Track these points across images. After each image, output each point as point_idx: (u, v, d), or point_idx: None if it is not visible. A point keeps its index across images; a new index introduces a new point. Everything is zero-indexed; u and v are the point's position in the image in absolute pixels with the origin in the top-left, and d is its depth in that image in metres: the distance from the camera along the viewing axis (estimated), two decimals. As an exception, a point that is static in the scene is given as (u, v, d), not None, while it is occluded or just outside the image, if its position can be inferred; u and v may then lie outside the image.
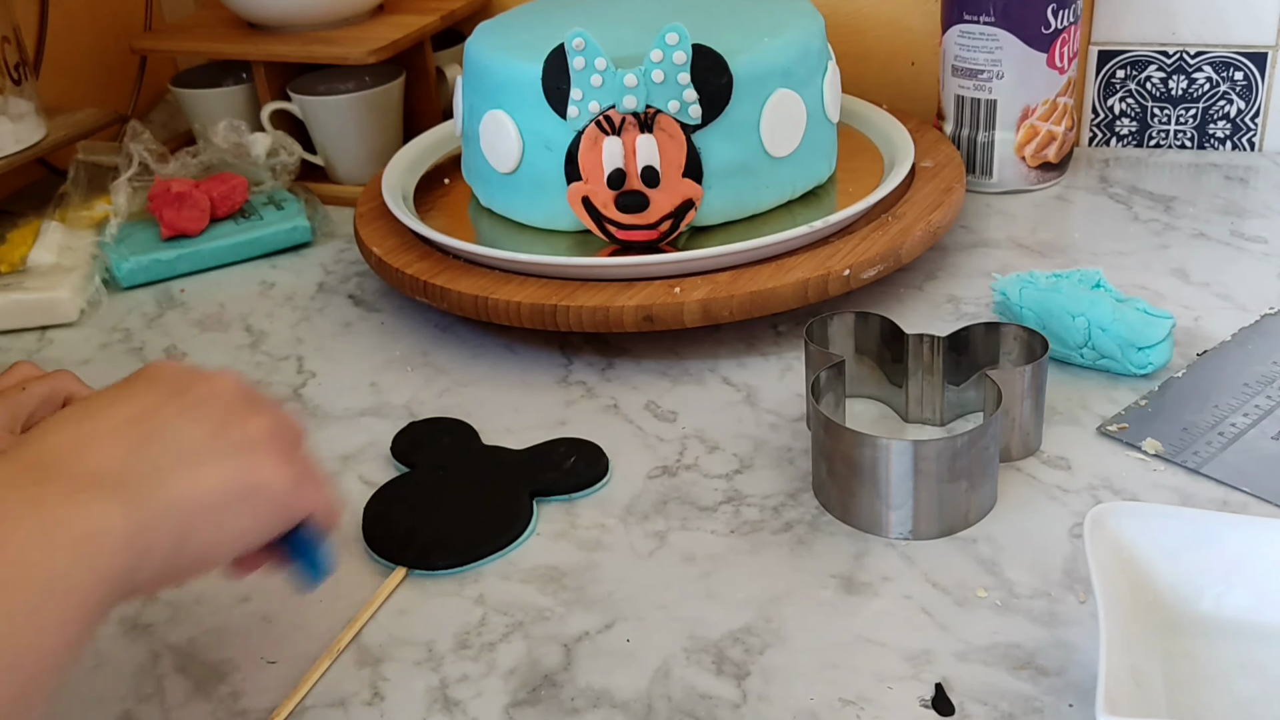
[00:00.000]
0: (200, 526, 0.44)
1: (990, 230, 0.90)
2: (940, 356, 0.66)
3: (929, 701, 0.50)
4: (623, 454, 0.67)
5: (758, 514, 0.62)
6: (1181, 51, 0.98)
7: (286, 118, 1.04)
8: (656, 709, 0.51)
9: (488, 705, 0.52)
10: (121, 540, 0.41)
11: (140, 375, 0.47)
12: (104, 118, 1.06)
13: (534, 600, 0.58)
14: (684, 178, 0.76)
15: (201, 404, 0.46)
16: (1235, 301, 0.77)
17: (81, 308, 0.89)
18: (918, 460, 0.57)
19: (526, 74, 0.77)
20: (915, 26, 1.04)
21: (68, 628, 0.39)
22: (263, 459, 0.46)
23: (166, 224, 0.94)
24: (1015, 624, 0.54)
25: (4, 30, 0.97)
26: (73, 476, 0.42)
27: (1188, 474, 0.62)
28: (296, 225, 0.96)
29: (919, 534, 0.59)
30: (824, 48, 0.83)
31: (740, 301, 0.73)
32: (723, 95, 0.75)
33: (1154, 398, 0.68)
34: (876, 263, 0.76)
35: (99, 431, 0.43)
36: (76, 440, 0.43)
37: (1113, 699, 0.43)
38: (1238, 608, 0.50)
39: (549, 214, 0.81)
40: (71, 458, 0.42)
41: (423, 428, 0.71)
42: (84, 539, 0.40)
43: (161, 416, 0.45)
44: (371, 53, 0.98)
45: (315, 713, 0.53)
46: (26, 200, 1.04)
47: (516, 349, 0.79)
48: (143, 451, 0.43)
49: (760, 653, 0.53)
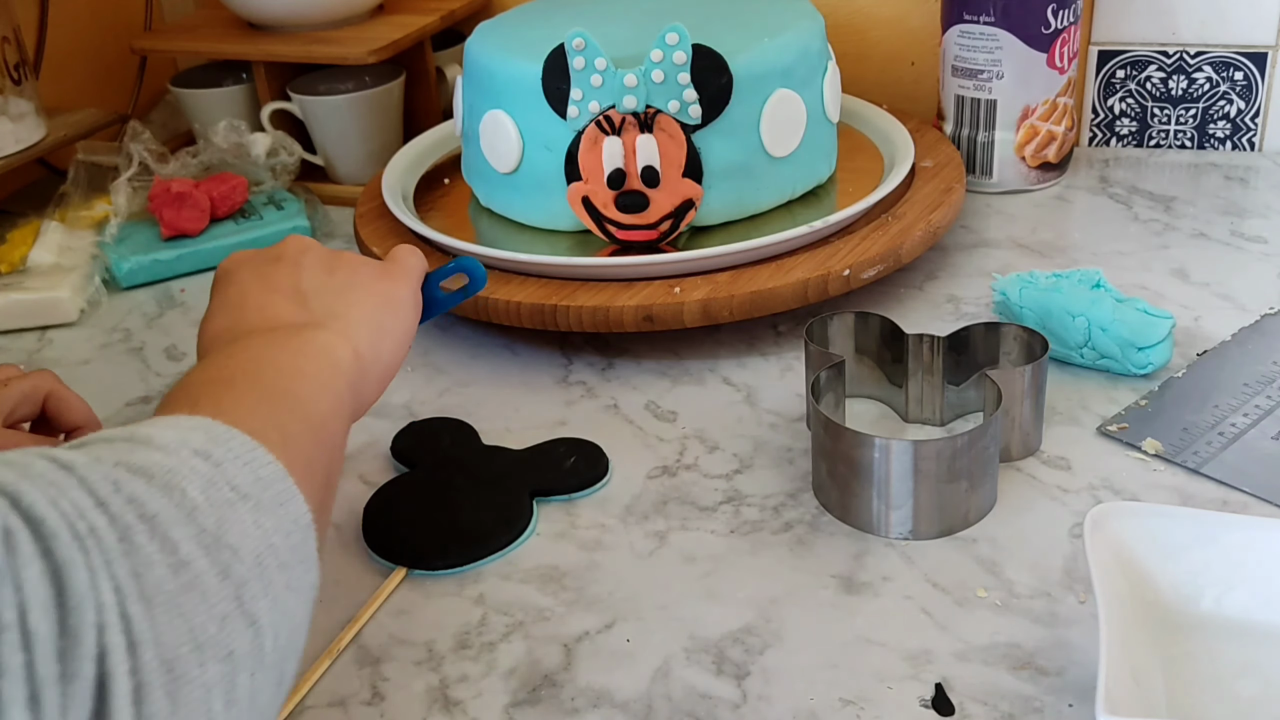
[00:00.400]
0: (381, 337, 0.53)
1: (990, 230, 0.90)
2: (940, 356, 0.66)
3: (929, 701, 0.50)
4: (623, 454, 0.67)
5: (758, 514, 0.62)
6: (1181, 51, 0.98)
7: (286, 118, 1.04)
8: (656, 709, 0.51)
9: (488, 705, 0.52)
10: (348, 356, 0.50)
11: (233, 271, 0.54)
12: (104, 118, 1.06)
13: (534, 600, 0.58)
14: (684, 178, 0.76)
15: (308, 257, 0.55)
16: (1235, 301, 0.77)
17: (81, 308, 0.89)
18: (918, 460, 0.57)
19: (526, 74, 0.77)
20: (915, 26, 1.03)
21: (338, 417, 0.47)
22: (378, 276, 0.55)
23: (166, 224, 0.94)
24: (1015, 624, 0.54)
25: (4, 30, 0.97)
26: (280, 324, 0.50)
27: (1188, 474, 0.62)
28: (296, 225, 0.96)
29: (919, 534, 0.59)
30: (824, 48, 0.83)
31: (740, 301, 0.73)
32: (723, 95, 0.75)
33: (1154, 398, 0.68)
34: (876, 263, 0.76)
35: (267, 300, 0.52)
36: (258, 310, 0.51)
37: (1113, 699, 0.43)
38: (1238, 608, 0.50)
39: (549, 214, 0.81)
40: (262, 320, 0.50)
41: (423, 428, 0.71)
42: (321, 351, 0.49)
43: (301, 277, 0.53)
44: (371, 53, 0.98)
45: (315, 713, 0.53)
46: (26, 200, 1.04)
47: (516, 349, 0.79)
48: (310, 301, 0.52)
49: (760, 653, 0.53)
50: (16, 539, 0.30)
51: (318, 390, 0.46)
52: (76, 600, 0.30)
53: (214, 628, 0.33)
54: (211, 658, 0.33)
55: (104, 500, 0.33)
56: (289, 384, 0.45)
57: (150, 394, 0.78)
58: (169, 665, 0.32)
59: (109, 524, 0.32)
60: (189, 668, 0.32)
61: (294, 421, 0.43)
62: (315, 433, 0.44)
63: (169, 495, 0.34)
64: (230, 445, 0.38)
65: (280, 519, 0.38)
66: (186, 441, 0.37)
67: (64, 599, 0.30)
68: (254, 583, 0.35)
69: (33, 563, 0.30)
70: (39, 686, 0.29)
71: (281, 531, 0.38)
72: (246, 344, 0.48)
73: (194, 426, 0.38)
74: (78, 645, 0.30)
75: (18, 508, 0.31)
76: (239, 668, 0.34)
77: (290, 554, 0.38)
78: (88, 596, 0.30)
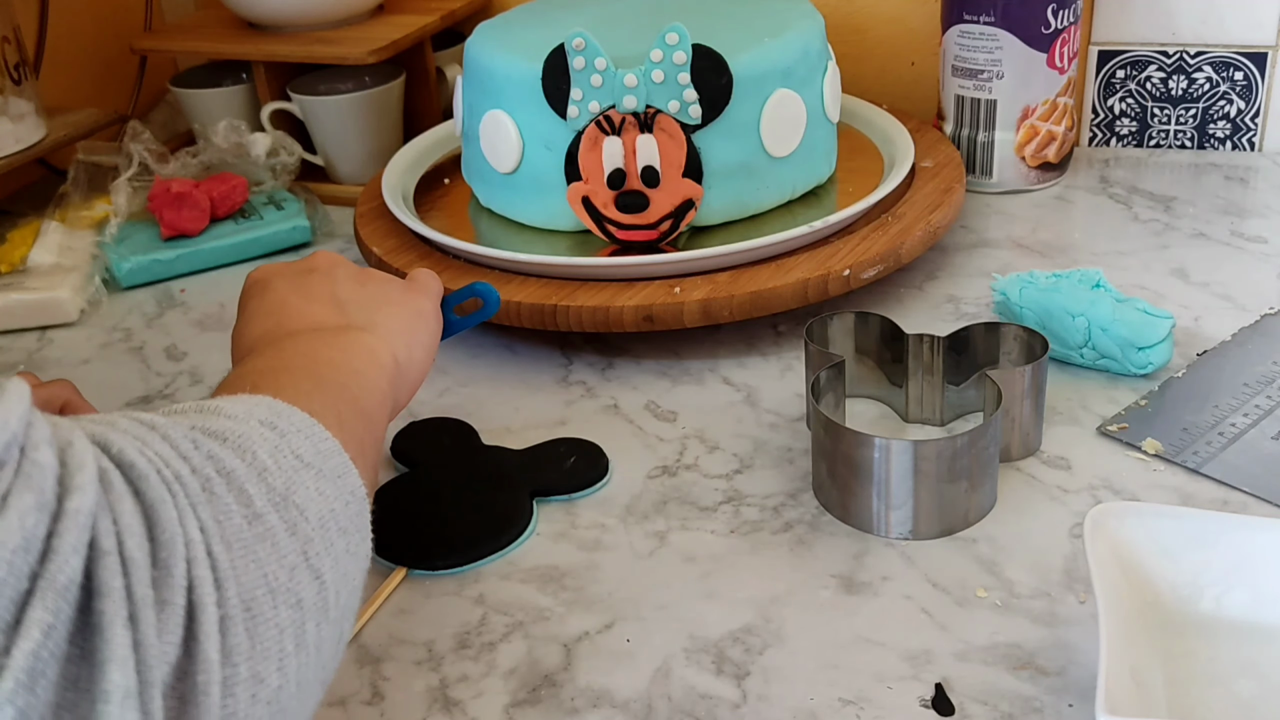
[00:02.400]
0: (413, 346, 0.56)
1: (990, 230, 0.90)
2: (940, 356, 0.66)
3: (929, 701, 0.50)
4: (623, 454, 0.67)
5: (758, 514, 0.62)
6: (1181, 51, 0.98)
7: (286, 118, 1.04)
8: (656, 709, 0.51)
9: (488, 705, 0.52)
10: (388, 357, 0.53)
11: (266, 281, 0.57)
12: (104, 118, 1.06)
13: (534, 600, 0.58)
14: (684, 178, 0.76)
15: (339, 271, 0.58)
16: (1235, 301, 0.77)
17: (81, 308, 0.89)
18: (918, 460, 0.57)
19: (526, 74, 0.77)
20: (915, 26, 1.04)
21: (381, 409, 0.50)
22: (405, 291, 0.59)
23: (166, 224, 0.94)
24: (1015, 624, 0.54)
25: (4, 30, 0.97)
26: (325, 326, 0.53)
27: (1188, 474, 0.62)
28: (296, 225, 0.96)
29: (919, 534, 0.59)
30: (824, 48, 0.83)
31: (740, 301, 0.73)
32: (723, 95, 0.75)
33: (1154, 398, 0.68)
34: (876, 263, 0.76)
35: (306, 304, 0.55)
36: (299, 314, 0.54)
37: (1113, 699, 0.43)
38: (1238, 608, 0.50)
39: (549, 214, 0.81)
40: (304, 323, 0.53)
41: (423, 428, 0.71)
42: (365, 350, 0.52)
43: (336, 288, 0.57)
44: (371, 53, 0.98)
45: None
46: (26, 200, 1.04)
47: (516, 349, 0.79)
48: (348, 310, 0.55)
49: (760, 653, 0.53)
50: (110, 477, 0.33)
51: (366, 385, 0.50)
52: (168, 536, 0.33)
53: (285, 576, 0.36)
54: (283, 603, 0.36)
55: (186, 454, 0.36)
56: (341, 376, 0.49)
57: (150, 394, 0.78)
58: (247, 604, 0.35)
59: (191, 473, 0.35)
60: (264, 608, 0.35)
61: (347, 408, 0.46)
62: (366, 421, 0.48)
63: (242, 456, 0.37)
64: (292, 419, 0.41)
65: (340, 488, 0.41)
66: (253, 413, 0.40)
67: (155, 533, 0.33)
68: (318, 541, 0.39)
69: (126, 499, 0.33)
70: (137, 607, 0.31)
71: (341, 500, 0.41)
72: (294, 341, 0.51)
73: (257, 402, 0.41)
74: (169, 576, 0.32)
75: (108, 452, 0.34)
76: (307, 615, 0.37)
77: (349, 521, 0.41)
78: (177, 533, 0.33)
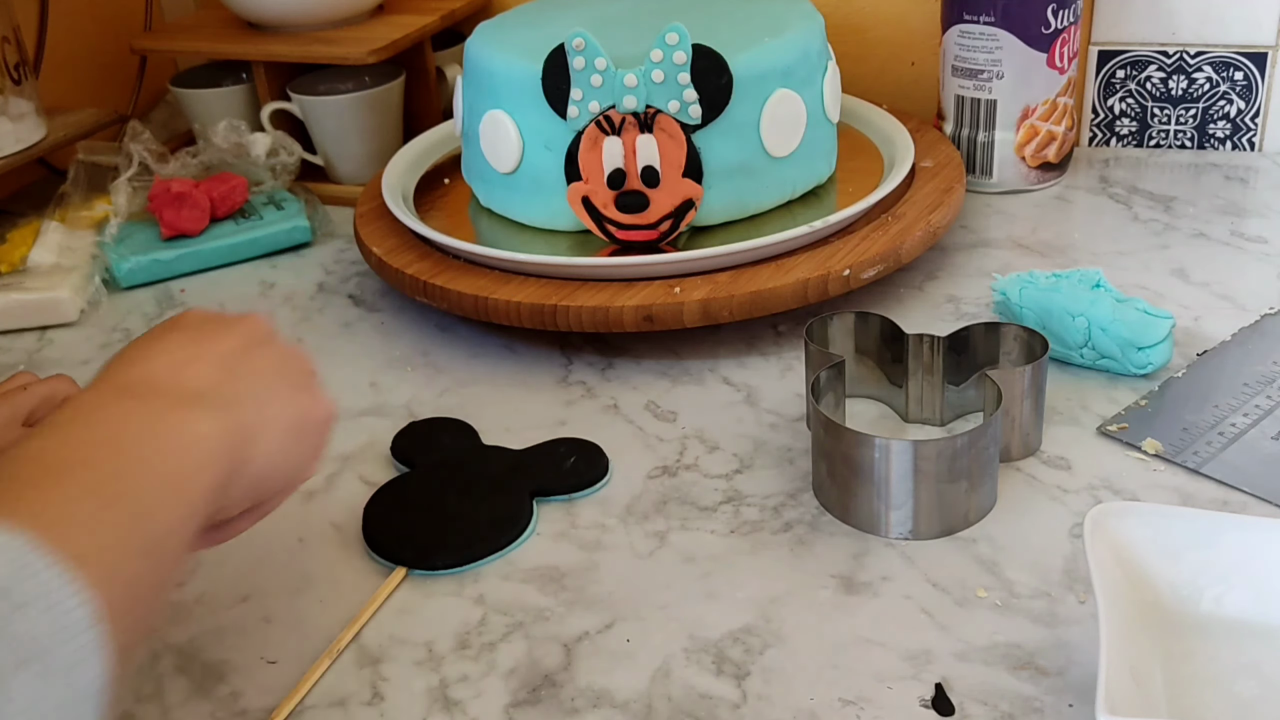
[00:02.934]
0: (276, 451, 0.49)
1: (990, 230, 0.90)
2: (940, 356, 0.66)
3: (929, 701, 0.50)
4: (623, 454, 0.67)
5: (758, 514, 0.62)
6: (1181, 51, 0.98)
7: (286, 118, 1.04)
8: (656, 709, 0.51)
9: (488, 705, 0.52)
10: (220, 449, 0.45)
11: (184, 320, 0.51)
12: (104, 118, 1.06)
13: (534, 600, 0.58)
14: (684, 178, 0.76)
15: (261, 345, 0.51)
16: (1235, 301, 0.77)
17: (81, 308, 0.89)
18: (918, 460, 0.57)
19: (526, 74, 0.77)
20: (915, 26, 1.03)
21: (184, 526, 0.43)
22: (315, 397, 0.52)
23: (166, 224, 0.94)
24: (1015, 624, 0.54)
25: (4, 30, 0.97)
26: (174, 393, 0.46)
27: (1188, 474, 0.62)
28: (296, 225, 0.96)
29: (919, 534, 0.59)
30: (824, 48, 0.83)
31: (740, 301, 0.73)
32: (723, 95, 0.75)
33: (1154, 398, 0.68)
34: (876, 263, 0.76)
35: (192, 359, 0.48)
36: (173, 366, 0.47)
37: (1113, 699, 0.43)
38: (1238, 608, 0.50)
39: (549, 214, 0.81)
40: (170, 379, 0.47)
41: (423, 428, 0.71)
42: (191, 444, 0.44)
43: (243, 353, 0.50)
44: (371, 53, 0.98)
45: (315, 713, 0.53)
46: (26, 200, 1.04)
47: (516, 349, 0.79)
48: (232, 381, 0.48)
49: (760, 653, 0.53)
50: None
51: (170, 495, 0.43)
52: None
53: None
54: None
55: None
56: (140, 481, 0.42)
57: (150, 394, 0.78)
58: None
59: None
60: None
61: (130, 535, 0.40)
62: (152, 546, 0.41)
63: None
64: (38, 582, 0.35)
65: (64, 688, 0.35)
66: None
67: None
68: None
69: None
70: None
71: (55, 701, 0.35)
72: (118, 413, 0.44)
73: (5, 546, 0.35)
74: None
75: None
76: None
77: None
78: None
